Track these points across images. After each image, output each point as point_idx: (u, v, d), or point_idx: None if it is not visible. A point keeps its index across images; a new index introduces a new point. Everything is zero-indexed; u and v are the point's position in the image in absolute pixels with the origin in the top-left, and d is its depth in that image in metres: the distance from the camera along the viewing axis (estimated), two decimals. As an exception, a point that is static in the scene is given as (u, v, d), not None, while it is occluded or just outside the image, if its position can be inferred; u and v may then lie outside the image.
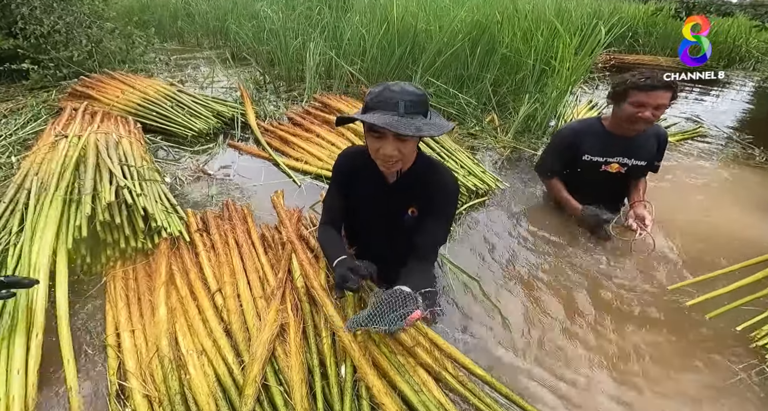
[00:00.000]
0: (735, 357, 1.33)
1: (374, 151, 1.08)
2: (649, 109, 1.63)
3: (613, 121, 1.79)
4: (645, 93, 1.61)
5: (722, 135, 3.32)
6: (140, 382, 1.09)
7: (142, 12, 7.28)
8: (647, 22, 6.91)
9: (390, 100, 0.98)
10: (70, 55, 3.89)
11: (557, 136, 1.97)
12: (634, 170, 1.85)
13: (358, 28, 3.61)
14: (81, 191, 1.55)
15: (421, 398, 1.08)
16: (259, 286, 1.37)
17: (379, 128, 0.99)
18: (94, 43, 4.12)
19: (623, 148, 1.81)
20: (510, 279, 1.64)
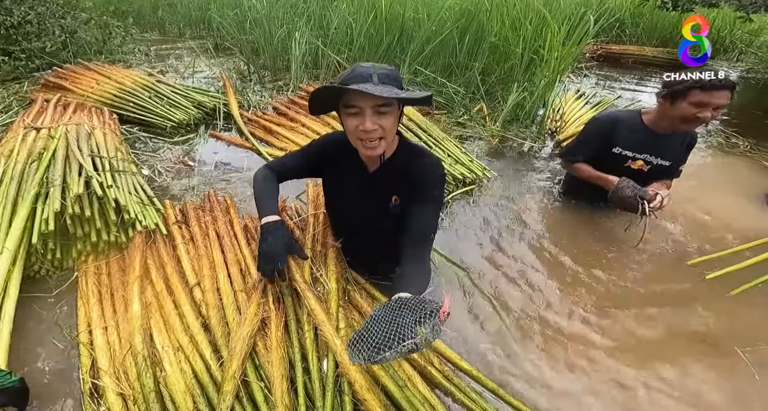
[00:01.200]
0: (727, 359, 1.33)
1: (353, 131, 1.00)
2: (709, 109, 1.52)
3: (659, 118, 1.68)
4: (708, 93, 1.49)
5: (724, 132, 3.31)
6: (114, 381, 1.03)
7: (120, 2, 7.04)
8: (634, 12, 6.91)
9: (363, 73, 0.94)
10: (43, 46, 3.74)
11: (594, 122, 1.83)
12: (656, 170, 1.76)
13: (345, 17, 3.52)
14: (49, 184, 1.47)
15: (406, 394, 1.05)
16: (240, 279, 1.32)
17: (354, 99, 0.94)
18: (68, 33, 3.98)
19: (654, 145, 1.72)
20: (499, 269, 1.61)
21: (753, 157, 2.71)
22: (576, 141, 1.90)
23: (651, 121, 1.71)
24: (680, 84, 1.55)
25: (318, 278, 1.24)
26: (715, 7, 5.76)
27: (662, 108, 1.65)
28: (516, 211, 1.97)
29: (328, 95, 0.99)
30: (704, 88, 1.49)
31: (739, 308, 1.47)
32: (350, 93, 0.93)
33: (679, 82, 1.55)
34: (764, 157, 2.68)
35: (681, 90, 1.55)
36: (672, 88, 1.58)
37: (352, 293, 1.29)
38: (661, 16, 6.52)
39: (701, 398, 1.18)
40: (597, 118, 1.86)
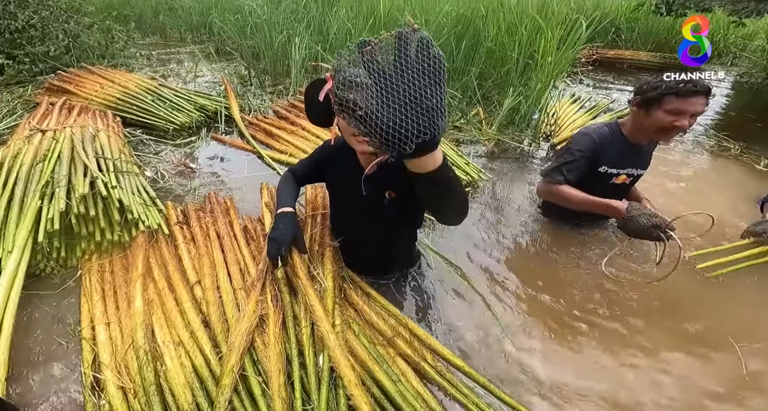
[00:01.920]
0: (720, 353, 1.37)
1: (346, 128, 1.05)
2: (686, 117, 1.41)
3: (635, 129, 1.57)
4: (683, 99, 1.39)
5: (699, 129, 3.37)
6: (115, 374, 1.07)
7: (122, 6, 7.08)
8: (629, 17, 6.99)
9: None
10: (46, 50, 3.81)
11: (579, 142, 1.62)
12: (635, 180, 1.71)
13: (344, 22, 3.58)
14: (55, 184, 1.52)
15: (399, 388, 1.08)
16: (240, 277, 1.35)
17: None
18: (71, 37, 4.04)
19: (635, 158, 1.64)
20: (492, 270, 1.64)
21: (744, 160, 2.75)
22: (562, 160, 1.64)
23: (629, 132, 1.60)
24: (654, 90, 1.44)
25: (315, 276, 1.28)
26: (708, 11, 5.83)
27: (637, 117, 1.54)
28: (511, 213, 2.00)
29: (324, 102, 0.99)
30: (679, 95, 1.40)
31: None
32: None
33: (653, 88, 1.45)
34: (755, 160, 2.72)
35: (655, 97, 1.44)
36: (645, 95, 1.47)
37: (348, 291, 1.32)
38: (656, 20, 6.60)
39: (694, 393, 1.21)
40: (581, 137, 1.64)
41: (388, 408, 1.05)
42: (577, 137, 1.65)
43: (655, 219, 1.38)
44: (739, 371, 1.28)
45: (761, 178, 2.50)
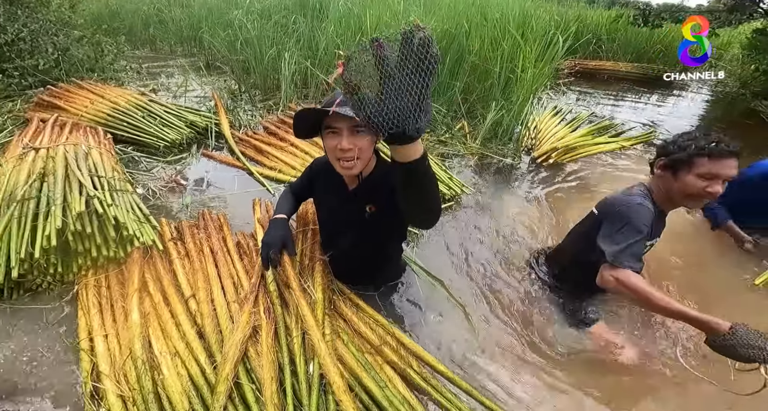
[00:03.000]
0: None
1: (332, 150, 1.11)
2: (719, 182, 1.25)
3: (665, 195, 1.38)
4: (717, 161, 1.24)
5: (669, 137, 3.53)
6: (114, 383, 1.11)
7: (111, 19, 7.12)
8: (609, 28, 7.25)
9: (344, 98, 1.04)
10: (36, 63, 3.79)
11: (640, 214, 1.32)
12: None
13: (333, 38, 3.68)
14: (50, 202, 1.56)
15: (386, 393, 1.14)
16: (233, 291, 1.41)
17: (334, 123, 1.06)
18: (61, 51, 4.03)
19: (661, 226, 1.48)
20: (474, 280, 1.73)
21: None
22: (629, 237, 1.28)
23: (659, 200, 1.40)
24: (683, 151, 1.29)
25: (306, 289, 1.35)
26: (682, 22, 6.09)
27: (664, 182, 1.37)
28: (493, 225, 2.09)
29: (310, 118, 1.09)
30: (712, 157, 1.24)
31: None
32: (330, 115, 1.02)
33: (681, 148, 1.30)
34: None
35: (683, 159, 1.29)
36: (672, 156, 1.32)
37: (337, 303, 1.39)
38: (635, 31, 6.86)
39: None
40: (641, 203, 1.34)
41: None
42: (633, 208, 1.33)
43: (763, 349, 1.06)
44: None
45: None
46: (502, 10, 4.19)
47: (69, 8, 5.55)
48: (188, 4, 7.13)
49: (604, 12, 8.48)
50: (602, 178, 2.69)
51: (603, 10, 9.01)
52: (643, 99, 5.34)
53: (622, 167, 2.91)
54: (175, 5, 7.29)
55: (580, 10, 8.42)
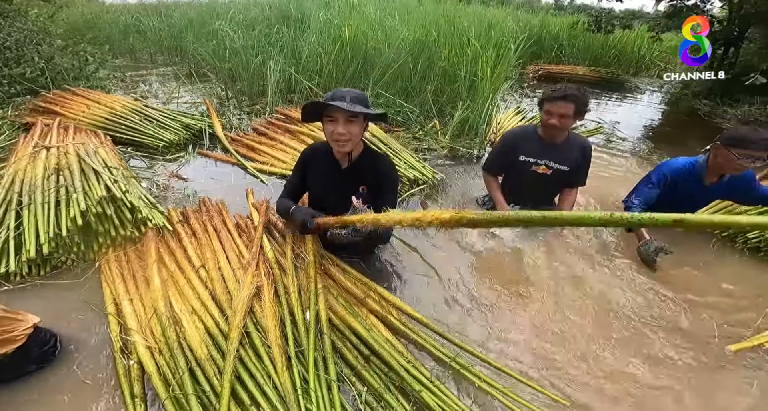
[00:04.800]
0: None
1: (330, 134, 1.44)
2: (555, 117, 1.91)
3: (542, 127, 2.06)
4: (550, 103, 1.91)
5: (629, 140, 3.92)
6: (142, 337, 1.34)
7: (88, 29, 7.20)
8: (570, 34, 7.80)
9: (340, 94, 1.39)
10: (23, 71, 3.92)
11: (501, 138, 2.19)
12: (559, 174, 2.07)
13: (315, 47, 3.96)
14: (69, 191, 1.77)
15: (372, 334, 1.40)
16: (237, 260, 1.65)
17: (332, 111, 1.39)
18: (46, 60, 4.16)
19: (551, 152, 2.06)
20: (443, 249, 2.02)
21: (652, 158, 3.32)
22: (490, 156, 2.24)
23: (541, 131, 2.07)
24: (541, 97, 2.01)
25: (299, 254, 1.61)
26: (630, 28, 6.67)
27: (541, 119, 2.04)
28: (458, 202, 2.41)
29: (316, 108, 1.43)
30: (547, 99, 1.93)
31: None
32: (330, 107, 1.38)
33: (541, 96, 2.00)
34: (660, 158, 3.29)
35: (539, 102, 2.00)
36: (540, 101, 2.03)
37: (327, 266, 1.65)
38: (592, 37, 7.43)
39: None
40: (503, 134, 2.21)
41: (364, 350, 1.37)
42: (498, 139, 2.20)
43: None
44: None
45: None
46: (470, 19, 4.59)
47: (47, 17, 5.65)
48: (168, 14, 7.29)
49: (563, 18, 9.08)
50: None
51: (567, 16, 9.63)
52: (598, 99, 5.82)
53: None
54: (153, 15, 7.43)
55: (543, 17, 9.01)
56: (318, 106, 1.42)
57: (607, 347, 1.52)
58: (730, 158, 1.80)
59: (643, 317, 1.66)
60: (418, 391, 1.21)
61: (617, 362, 1.46)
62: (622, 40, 7.70)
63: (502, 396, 1.23)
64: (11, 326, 1.21)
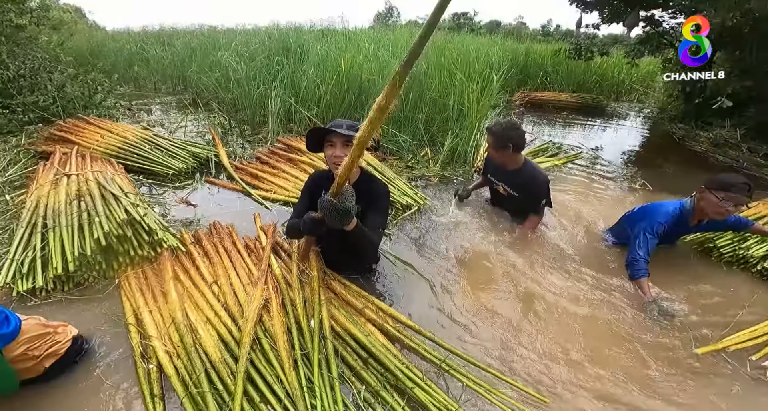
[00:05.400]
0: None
1: (329, 157, 1.62)
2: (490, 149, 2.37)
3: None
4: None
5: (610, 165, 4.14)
6: (162, 343, 1.49)
7: (94, 57, 7.41)
8: (553, 61, 8.24)
9: (338, 123, 1.60)
10: (36, 99, 4.07)
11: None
12: (511, 197, 2.43)
13: (313, 78, 4.22)
14: (91, 215, 1.95)
15: (370, 340, 1.56)
16: (246, 277, 1.82)
17: (332, 137, 1.59)
18: (57, 88, 4.32)
19: (504, 177, 2.44)
20: (435, 264, 2.20)
21: (627, 181, 3.57)
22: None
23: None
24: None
25: (304, 270, 1.78)
26: (607, 55, 7.09)
27: None
28: (448, 226, 2.58)
29: (318, 135, 1.63)
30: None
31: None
32: (330, 132, 1.58)
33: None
34: (633, 180, 3.54)
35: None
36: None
37: (329, 281, 1.82)
38: (575, 64, 7.85)
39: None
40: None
41: (363, 354, 1.52)
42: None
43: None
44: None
45: (633, 192, 3.34)
46: (458, 49, 4.94)
47: (58, 45, 5.82)
48: (171, 43, 7.54)
49: (547, 45, 9.57)
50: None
51: (552, 42, 10.14)
52: (580, 125, 6.17)
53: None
54: (157, 44, 7.69)
55: (528, 45, 9.52)
56: (319, 133, 1.62)
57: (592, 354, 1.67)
58: (713, 201, 1.90)
59: (621, 322, 1.84)
60: (411, 388, 1.36)
61: (600, 365, 1.61)
62: (602, 66, 8.15)
63: (487, 393, 1.38)
64: (53, 341, 1.36)
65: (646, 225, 2.03)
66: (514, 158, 2.34)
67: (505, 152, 2.28)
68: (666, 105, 6.83)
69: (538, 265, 2.23)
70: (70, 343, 1.41)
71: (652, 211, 2.10)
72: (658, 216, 2.05)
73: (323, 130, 1.61)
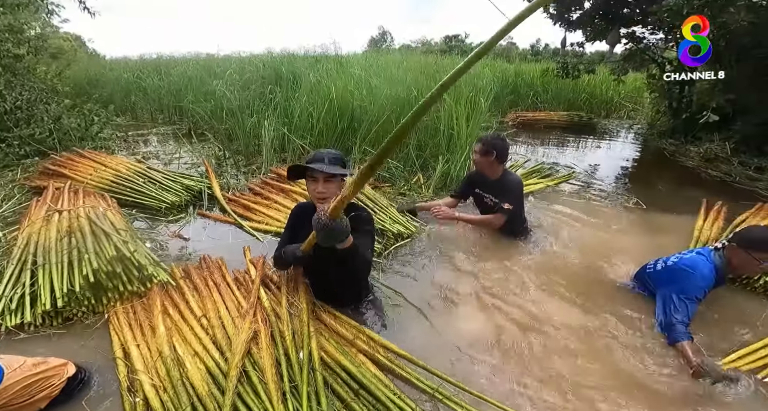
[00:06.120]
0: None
1: (312, 192, 1.64)
2: (475, 154, 2.55)
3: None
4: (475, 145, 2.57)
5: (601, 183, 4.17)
6: (148, 377, 1.47)
7: (92, 87, 7.45)
8: (543, 81, 8.39)
9: (319, 156, 1.62)
10: (32, 132, 4.05)
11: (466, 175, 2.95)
12: (496, 205, 2.59)
13: (306, 107, 4.29)
14: (81, 251, 1.95)
15: (361, 371, 1.54)
16: (235, 309, 1.81)
17: (314, 174, 1.60)
18: (54, 120, 4.30)
19: (491, 188, 2.63)
20: (425, 293, 2.19)
21: (618, 200, 3.59)
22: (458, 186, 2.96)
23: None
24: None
25: (293, 302, 1.77)
26: (593, 73, 7.23)
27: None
28: (440, 254, 2.57)
29: (299, 169, 1.65)
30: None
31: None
32: (312, 168, 1.59)
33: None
34: (626, 199, 3.56)
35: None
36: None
37: (319, 312, 1.81)
38: (563, 83, 7.98)
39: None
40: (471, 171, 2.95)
41: (353, 385, 1.49)
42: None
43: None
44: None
45: (628, 211, 3.33)
46: (448, 72, 5.03)
47: (55, 75, 5.77)
48: (167, 73, 7.57)
49: (536, 65, 9.76)
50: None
51: (541, 63, 10.33)
52: (572, 144, 6.25)
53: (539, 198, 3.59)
54: (154, 73, 7.71)
55: (516, 65, 9.71)
56: (300, 168, 1.63)
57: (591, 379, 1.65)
58: (752, 262, 1.80)
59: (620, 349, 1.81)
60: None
61: (597, 389, 1.59)
62: (591, 84, 8.32)
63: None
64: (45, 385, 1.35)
65: (680, 289, 1.86)
66: (495, 167, 2.56)
67: (488, 158, 2.50)
68: (655, 121, 6.94)
69: (532, 289, 2.22)
70: (65, 383, 1.39)
71: (684, 276, 1.89)
72: (695, 280, 1.86)
73: (304, 167, 1.62)
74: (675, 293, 1.86)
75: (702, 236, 2.69)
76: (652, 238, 2.81)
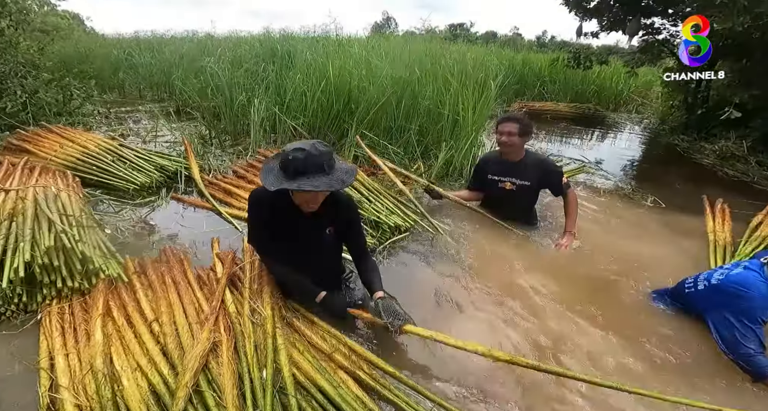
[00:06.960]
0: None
1: (302, 200, 1.43)
2: (504, 135, 2.33)
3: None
4: (500, 124, 2.36)
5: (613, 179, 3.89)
6: (72, 394, 1.19)
7: (80, 62, 7.09)
8: (551, 71, 8.06)
9: (314, 161, 1.30)
10: (3, 106, 3.77)
11: (477, 163, 2.70)
12: (522, 189, 2.43)
13: (299, 86, 3.95)
14: (18, 239, 1.66)
15: (340, 392, 1.27)
16: (195, 314, 1.52)
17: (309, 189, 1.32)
18: (29, 94, 4.04)
19: (512, 170, 2.44)
20: (417, 291, 1.93)
21: (634, 198, 3.30)
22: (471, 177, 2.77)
23: (500, 152, 2.47)
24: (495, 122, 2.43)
25: (255, 309, 1.49)
26: (606, 64, 6.91)
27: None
28: (440, 250, 2.30)
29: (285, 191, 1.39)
30: (498, 122, 2.38)
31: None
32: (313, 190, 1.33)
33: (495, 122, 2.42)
34: (643, 197, 3.27)
35: (495, 126, 2.44)
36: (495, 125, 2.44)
37: (291, 319, 1.53)
38: (572, 73, 7.66)
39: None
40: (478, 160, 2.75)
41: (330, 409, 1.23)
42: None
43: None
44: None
45: (648, 211, 3.05)
46: (454, 56, 4.71)
47: (38, 50, 5.54)
48: (159, 50, 7.30)
49: (544, 55, 9.41)
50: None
51: (547, 54, 9.98)
52: (580, 136, 5.95)
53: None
54: (146, 50, 7.44)
55: (525, 54, 9.35)
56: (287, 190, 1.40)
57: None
58: None
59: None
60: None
61: None
62: (600, 76, 7.99)
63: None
64: None
65: (739, 312, 1.62)
66: (523, 148, 2.42)
67: (527, 139, 2.38)
68: (666, 116, 6.64)
69: (544, 302, 1.92)
70: None
71: (738, 297, 1.64)
72: (754, 301, 1.61)
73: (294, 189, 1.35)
74: (734, 317, 1.60)
75: (718, 239, 2.47)
76: (677, 241, 2.56)
